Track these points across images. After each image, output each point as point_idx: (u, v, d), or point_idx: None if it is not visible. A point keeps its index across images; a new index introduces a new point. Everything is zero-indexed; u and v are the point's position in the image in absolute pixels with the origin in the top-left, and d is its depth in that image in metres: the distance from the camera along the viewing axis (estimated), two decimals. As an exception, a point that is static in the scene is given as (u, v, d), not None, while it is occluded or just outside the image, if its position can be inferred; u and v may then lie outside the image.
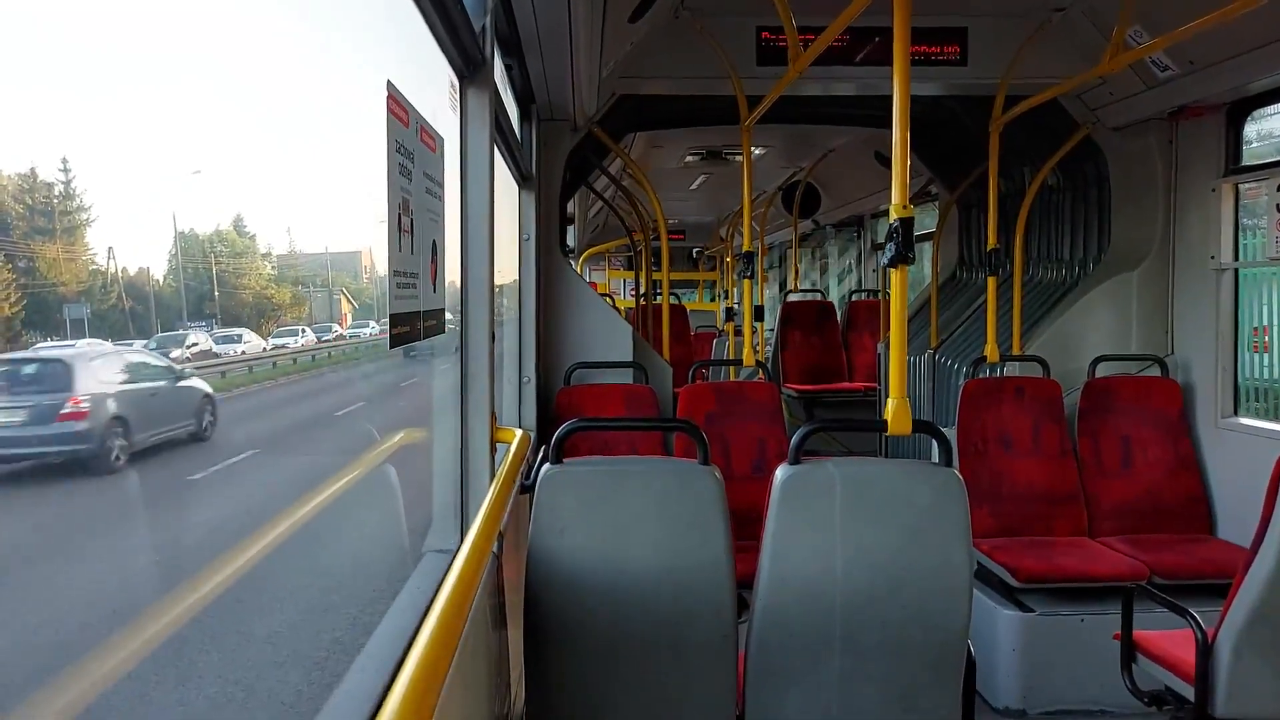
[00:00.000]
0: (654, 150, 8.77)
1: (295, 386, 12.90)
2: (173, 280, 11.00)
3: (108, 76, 14.26)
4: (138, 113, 11.99)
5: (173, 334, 9.92)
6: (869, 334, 9.04)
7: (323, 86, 25.40)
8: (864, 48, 4.80)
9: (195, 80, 13.17)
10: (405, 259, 2.07)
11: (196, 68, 12.33)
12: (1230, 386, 4.65)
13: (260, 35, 16.14)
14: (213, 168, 12.91)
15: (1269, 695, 2.89)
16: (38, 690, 3.84)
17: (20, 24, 4.58)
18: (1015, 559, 4.19)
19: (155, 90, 11.97)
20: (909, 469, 2.66)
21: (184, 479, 7.39)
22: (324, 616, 5.99)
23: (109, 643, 4.62)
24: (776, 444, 4.63)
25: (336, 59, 19.98)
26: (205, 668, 4.99)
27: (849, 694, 2.65)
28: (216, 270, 14.22)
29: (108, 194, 8.67)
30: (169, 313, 10.59)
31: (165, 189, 10.57)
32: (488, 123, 2.62)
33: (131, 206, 10.76)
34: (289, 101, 23.35)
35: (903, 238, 2.67)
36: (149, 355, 8.30)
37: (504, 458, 3.01)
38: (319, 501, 7.71)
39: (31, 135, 8.25)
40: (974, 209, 6.68)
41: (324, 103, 23.94)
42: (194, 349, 10.32)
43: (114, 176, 11.21)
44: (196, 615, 5.35)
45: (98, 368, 6.50)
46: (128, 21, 9.37)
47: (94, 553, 5.78)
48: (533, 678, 2.65)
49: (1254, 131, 4.61)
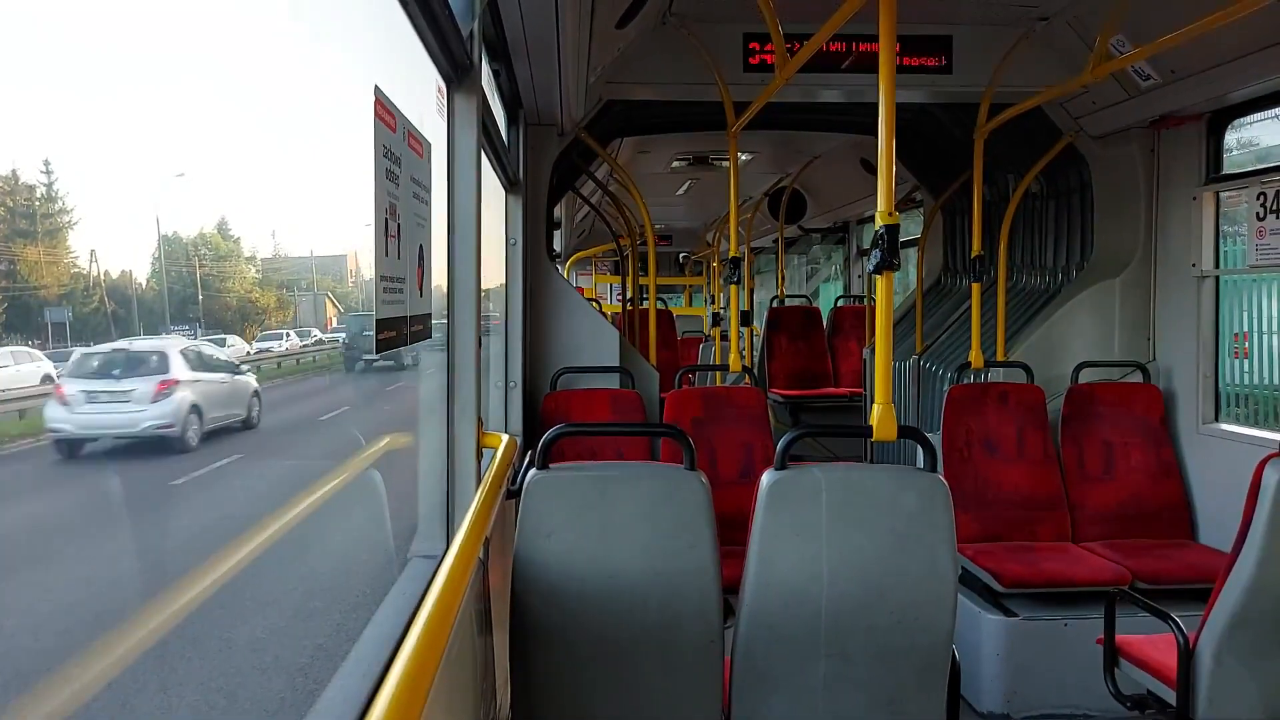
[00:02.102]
0: (641, 155, 8.78)
1: (293, 386, 13.93)
2: (156, 283, 10.90)
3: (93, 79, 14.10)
4: (122, 115, 11.87)
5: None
6: (854, 339, 9.07)
7: (310, 89, 25.26)
8: (850, 55, 4.83)
9: (181, 82, 13.05)
10: (392, 264, 2.06)
11: (182, 70, 12.25)
12: (1211, 393, 4.69)
13: (248, 38, 16.07)
14: (197, 170, 12.85)
15: (1249, 699, 2.92)
16: (36, 688, 3.85)
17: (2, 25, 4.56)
18: (999, 564, 4.21)
19: (140, 92, 11.88)
20: (894, 474, 2.68)
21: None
22: (308, 622, 5.96)
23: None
24: (763, 449, 4.63)
25: (323, 62, 19.89)
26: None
27: (834, 699, 2.65)
28: (201, 274, 14.09)
29: (91, 196, 8.59)
30: (152, 316, 10.50)
31: (149, 191, 10.51)
32: (475, 127, 2.62)
33: (115, 209, 10.68)
34: (276, 104, 23.20)
35: (888, 244, 2.69)
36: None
37: (490, 463, 3.00)
38: (302, 508, 7.70)
39: (13, 136, 8.20)
40: (959, 215, 6.73)
41: (310, 106, 23.82)
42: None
43: (97, 179, 11.08)
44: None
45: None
46: (115, 24, 9.28)
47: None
48: (518, 683, 2.64)
49: (1234, 140, 4.67)
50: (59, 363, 6.33)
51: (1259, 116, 4.49)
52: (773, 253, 11.65)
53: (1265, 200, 4.27)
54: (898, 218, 2.71)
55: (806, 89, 5.06)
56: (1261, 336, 4.60)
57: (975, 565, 4.28)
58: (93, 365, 6.81)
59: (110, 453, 6.87)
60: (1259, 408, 4.65)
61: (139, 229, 9.70)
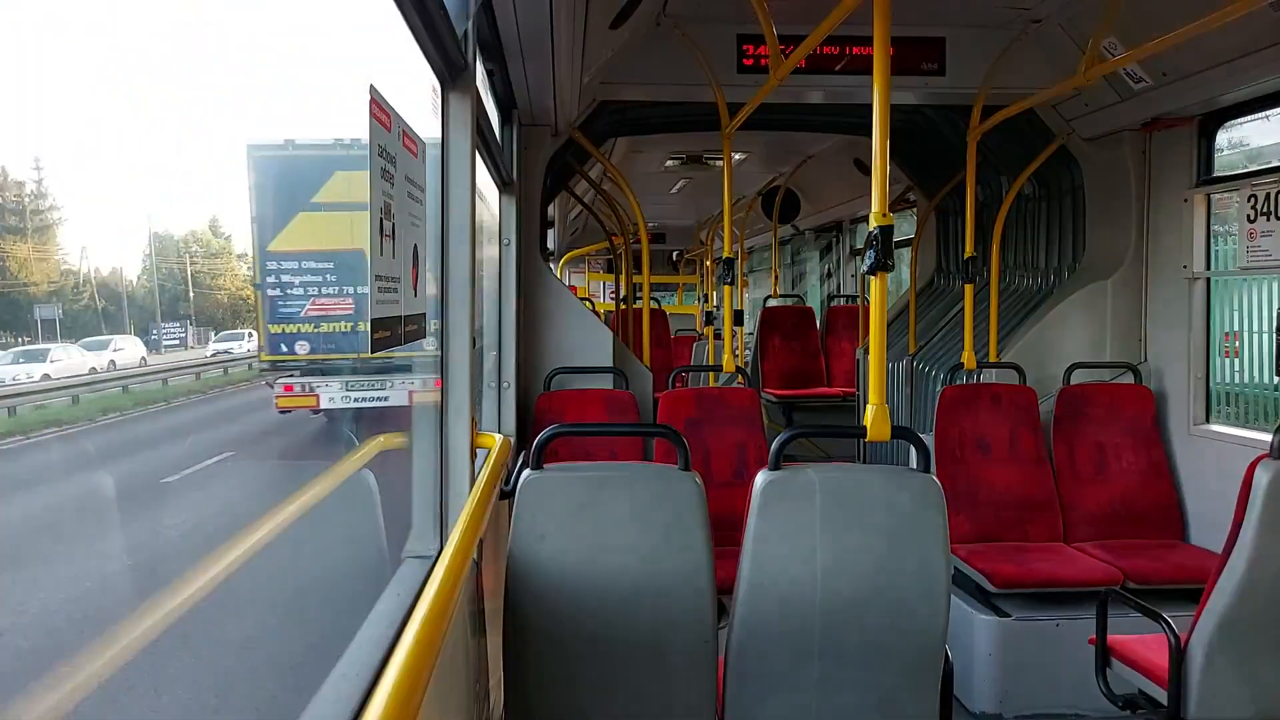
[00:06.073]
0: (635, 155, 8.77)
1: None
2: (146, 281, 10.82)
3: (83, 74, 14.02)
4: (113, 112, 11.82)
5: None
6: (848, 339, 9.08)
7: (302, 87, 25.18)
8: (844, 57, 4.83)
9: (173, 78, 12.99)
10: (387, 263, 2.06)
11: (174, 64, 12.20)
12: (1202, 394, 4.72)
13: (241, 34, 16.03)
14: (190, 168, 12.77)
15: (1240, 699, 2.94)
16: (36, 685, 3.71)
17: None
18: (992, 564, 4.22)
19: (132, 89, 11.84)
20: (888, 475, 2.68)
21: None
22: (300, 622, 5.93)
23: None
24: (756, 449, 4.64)
25: (319, 60, 19.86)
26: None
27: (828, 699, 2.66)
28: (192, 270, 13.98)
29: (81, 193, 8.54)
30: (143, 313, 10.42)
31: (140, 189, 10.45)
32: (469, 127, 2.61)
33: (105, 206, 10.62)
34: (270, 103, 23.12)
35: (882, 245, 2.69)
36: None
37: (484, 463, 3.00)
38: (295, 507, 7.63)
39: (2, 132, 8.16)
40: (952, 216, 6.74)
41: (304, 104, 23.75)
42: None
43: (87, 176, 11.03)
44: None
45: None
46: (107, 19, 9.23)
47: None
48: (512, 684, 2.64)
49: (1225, 140, 4.69)
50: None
51: (1250, 118, 4.51)
52: (765, 252, 11.67)
53: (1256, 202, 4.29)
54: (891, 219, 2.72)
55: (800, 90, 5.06)
56: (1252, 335, 4.63)
57: (968, 566, 4.29)
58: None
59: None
60: (1248, 407, 4.68)
61: (130, 226, 9.62)
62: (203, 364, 11.68)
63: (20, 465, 7.01)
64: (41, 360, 8.15)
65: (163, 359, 10.30)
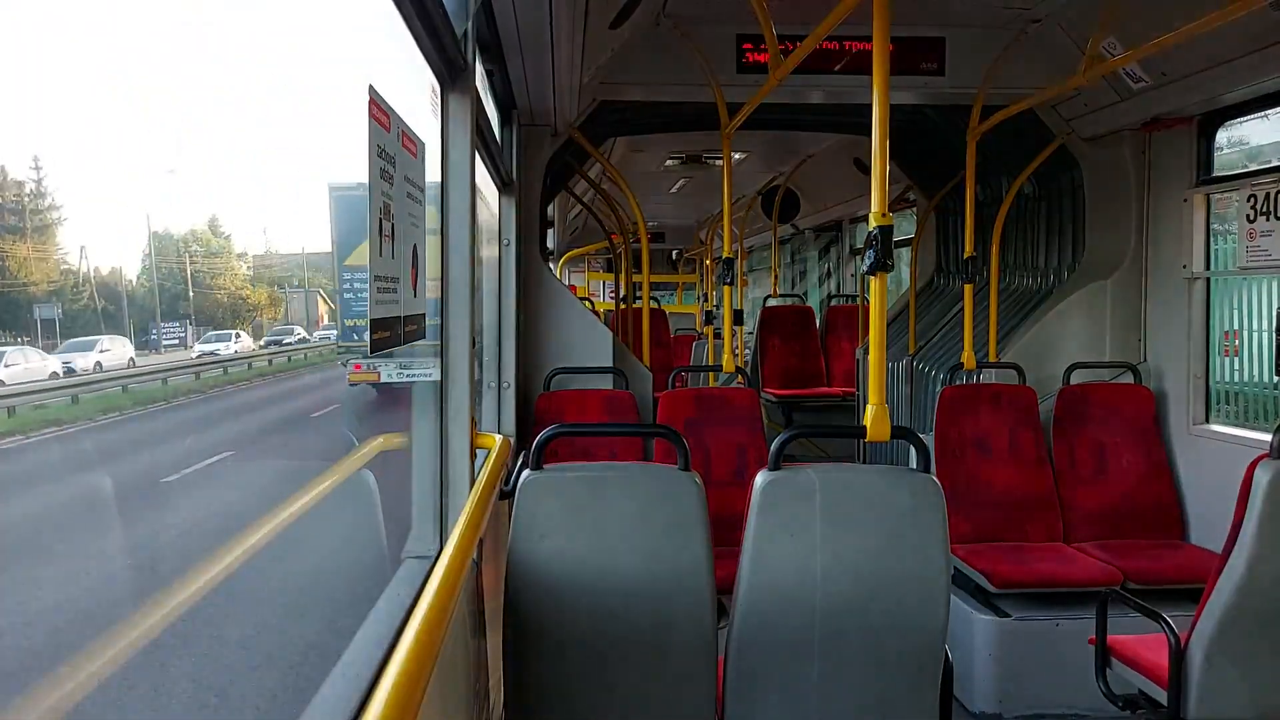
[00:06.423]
0: (634, 154, 8.77)
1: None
2: (146, 280, 10.85)
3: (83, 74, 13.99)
4: (113, 111, 11.82)
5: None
6: (847, 339, 9.08)
7: (303, 87, 25.14)
8: (843, 57, 4.83)
9: (173, 78, 13.01)
10: (386, 263, 2.06)
11: (175, 65, 12.22)
12: (1202, 394, 4.72)
13: (241, 35, 16.06)
14: (189, 167, 12.86)
15: (1240, 699, 2.94)
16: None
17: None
18: (991, 564, 4.23)
19: (132, 88, 11.85)
20: (888, 475, 2.68)
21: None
22: (300, 621, 5.93)
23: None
24: (756, 449, 4.64)
25: (316, 60, 19.85)
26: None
27: (828, 699, 2.66)
28: (191, 270, 14.04)
29: (81, 192, 8.55)
30: (143, 313, 10.44)
31: (140, 188, 10.49)
32: (469, 128, 2.61)
33: (105, 205, 10.64)
34: (269, 101, 23.08)
35: (882, 245, 2.69)
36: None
37: (484, 463, 3.00)
38: (296, 508, 7.63)
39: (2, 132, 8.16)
40: (952, 216, 6.74)
41: (304, 104, 23.74)
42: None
43: (87, 175, 11.04)
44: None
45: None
46: (107, 19, 9.23)
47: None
48: (512, 684, 2.64)
49: (1224, 139, 4.69)
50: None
51: (1250, 118, 4.51)
52: (765, 251, 11.67)
53: (1255, 202, 4.29)
54: (891, 218, 2.72)
55: (800, 90, 5.06)
56: (1251, 334, 4.63)
57: (967, 565, 4.30)
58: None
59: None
60: (1247, 405, 4.68)
61: (130, 225, 9.65)
62: (198, 365, 15.09)
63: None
64: (90, 350, 10.38)
65: (162, 358, 11.53)
